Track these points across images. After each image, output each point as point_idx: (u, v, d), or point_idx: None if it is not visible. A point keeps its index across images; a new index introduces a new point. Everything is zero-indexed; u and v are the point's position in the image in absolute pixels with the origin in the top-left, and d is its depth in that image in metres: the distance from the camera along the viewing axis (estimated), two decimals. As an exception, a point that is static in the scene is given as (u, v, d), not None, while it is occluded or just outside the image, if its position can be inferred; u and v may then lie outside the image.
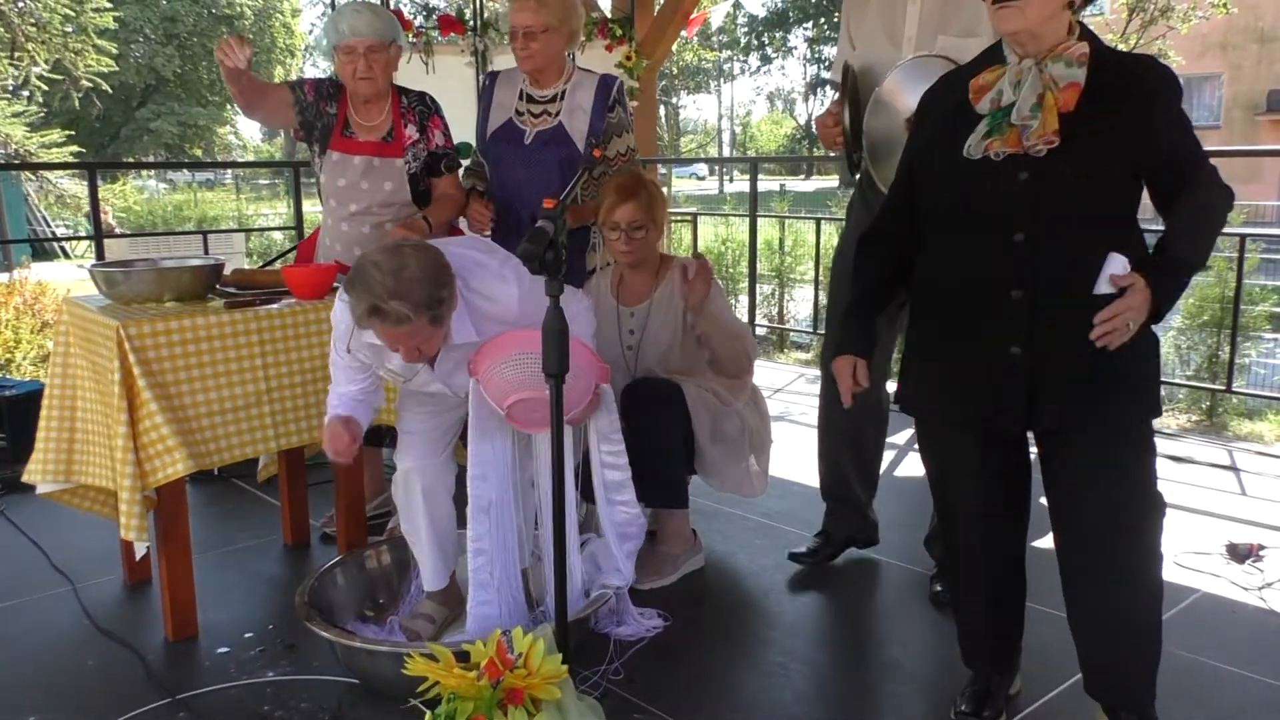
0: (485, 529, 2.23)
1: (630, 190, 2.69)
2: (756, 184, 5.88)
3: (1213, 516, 3.19)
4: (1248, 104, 22.22)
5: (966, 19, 2.35)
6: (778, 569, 2.80)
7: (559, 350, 1.75)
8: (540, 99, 2.94)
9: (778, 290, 7.52)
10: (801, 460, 3.58)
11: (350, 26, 2.77)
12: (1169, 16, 13.26)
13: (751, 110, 47.43)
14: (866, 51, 2.50)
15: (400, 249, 2.02)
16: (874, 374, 2.69)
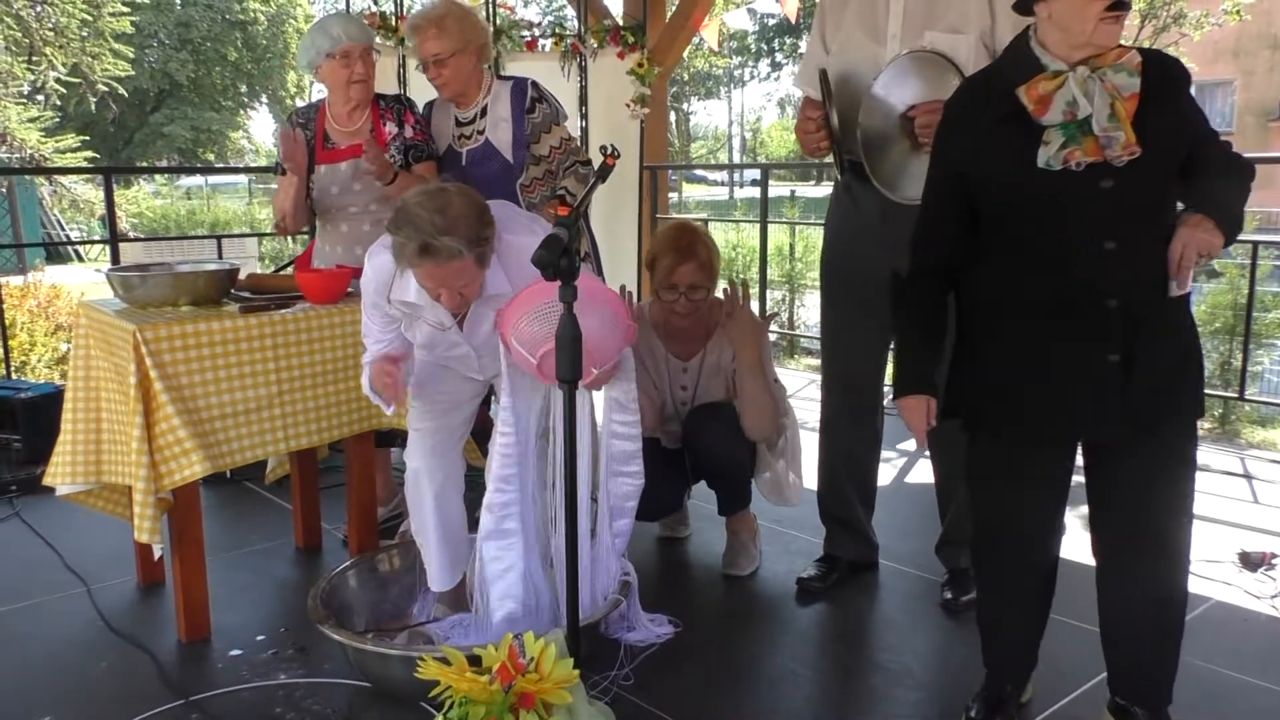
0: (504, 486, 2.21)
1: (689, 249, 2.67)
2: (767, 190, 5.88)
3: (1225, 525, 3.18)
4: (1260, 110, 22.12)
5: (954, 16, 2.33)
6: (788, 575, 2.80)
7: (572, 358, 1.76)
8: (466, 120, 3.02)
9: (788, 296, 7.53)
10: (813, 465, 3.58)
11: (345, 32, 2.84)
12: (1182, 23, 13.23)
13: (762, 116, 47.39)
14: (844, 52, 2.47)
15: (443, 190, 2.03)
16: (874, 384, 2.70)
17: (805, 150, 2.52)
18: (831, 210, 2.66)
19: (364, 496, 2.85)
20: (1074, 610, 2.54)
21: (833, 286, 2.67)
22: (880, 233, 2.45)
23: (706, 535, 3.08)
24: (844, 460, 2.74)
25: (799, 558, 2.91)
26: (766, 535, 2.99)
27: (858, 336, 2.63)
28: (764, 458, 2.79)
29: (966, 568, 2.64)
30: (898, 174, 2.35)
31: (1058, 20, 1.69)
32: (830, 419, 2.74)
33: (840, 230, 2.62)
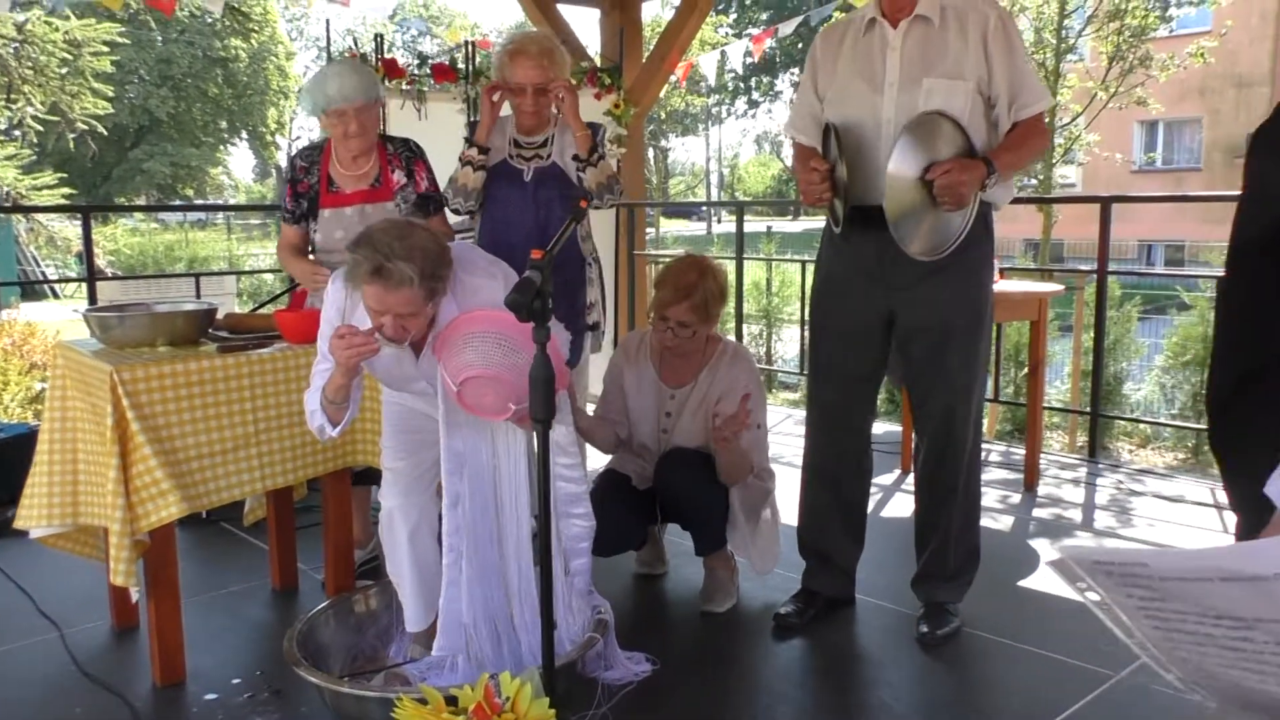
0: (456, 524, 2.22)
1: (688, 288, 2.70)
2: (743, 226, 5.95)
3: (1196, 557, 3.22)
4: (1228, 147, 22.52)
5: (950, 64, 2.38)
6: (767, 612, 2.81)
7: (545, 398, 1.78)
8: (530, 144, 3.06)
9: (765, 330, 7.59)
10: (790, 505, 3.60)
11: (339, 92, 2.82)
12: (1148, 65, 13.54)
13: (739, 152, 47.88)
14: (842, 101, 2.50)
15: (409, 223, 2.11)
16: (864, 422, 2.73)
17: (807, 201, 2.52)
18: (824, 249, 2.67)
19: (340, 537, 2.85)
20: (1046, 641, 2.56)
21: (823, 324, 2.69)
22: (875, 273, 2.49)
23: (684, 571, 3.08)
24: (833, 497, 2.74)
25: (778, 594, 2.92)
26: (745, 570, 2.99)
27: (849, 375, 2.64)
28: (736, 522, 2.79)
29: (943, 602, 2.65)
30: (928, 235, 2.38)
31: None
32: (817, 456, 2.75)
33: (833, 270, 2.63)
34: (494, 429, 2.25)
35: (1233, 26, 18.33)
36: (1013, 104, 2.43)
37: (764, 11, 35.67)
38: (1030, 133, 2.46)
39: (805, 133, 2.63)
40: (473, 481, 2.25)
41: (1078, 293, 5.65)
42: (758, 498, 2.85)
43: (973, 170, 2.31)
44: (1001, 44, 2.39)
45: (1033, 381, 4.01)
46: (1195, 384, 5.41)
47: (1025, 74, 2.44)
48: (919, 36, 2.42)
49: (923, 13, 2.41)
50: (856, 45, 2.50)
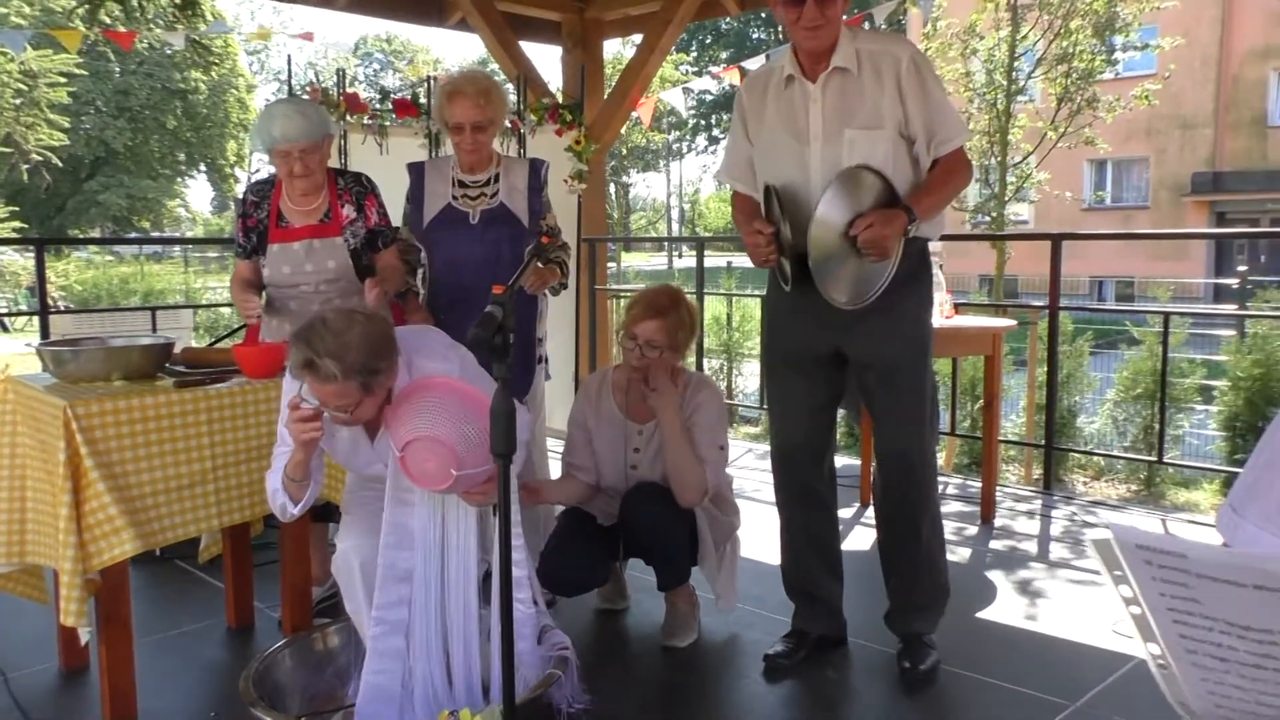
0: (398, 598, 2.21)
1: (661, 309, 2.73)
2: (704, 261, 6.00)
3: (1148, 587, 3.27)
4: (1173, 186, 23.19)
5: (868, 113, 2.42)
6: (727, 645, 2.81)
7: (506, 431, 1.78)
8: (475, 184, 3.10)
9: (726, 365, 7.63)
10: (753, 538, 3.61)
11: (283, 132, 2.82)
12: (1095, 107, 13.94)
13: (700, 188, 48.35)
14: (770, 152, 2.55)
15: (353, 314, 2.11)
16: (821, 455, 2.74)
17: (755, 263, 2.54)
18: (771, 287, 2.71)
19: (298, 574, 2.81)
20: (1013, 676, 2.59)
21: (775, 362, 2.72)
22: (818, 311, 2.50)
23: (646, 606, 3.08)
24: (802, 533, 2.75)
25: (739, 627, 2.93)
26: (705, 605, 3.00)
27: (803, 410, 2.67)
28: (707, 552, 2.80)
29: (919, 632, 2.65)
30: (855, 285, 2.43)
31: None
32: (784, 491, 2.76)
33: (780, 308, 2.67)
34: (445, 506, 2.24)
35: (1176, 70, 18.94)
36: (931, 142, 2.47)
37: (724, 50, 36.26)
38: (950, 169, 2.51)
39: (740, 179, 2.68)
40: (422, 560, 2.24)
41: (1031, 328, 5.76)
42: (725, 533, 2.86)
43: (894, 222, 2.35)
44: (915, 85, 2.43)
45: (988, 415, 4.08)
46: (1146, 417, 5.52)
47: (941, 111, 2.47)
48: (838, 88, 2.45)
49: (840, 64, 2.44)
50: (780, 98, 2.54)
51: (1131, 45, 14.70)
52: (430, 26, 6.41)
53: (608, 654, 2.82)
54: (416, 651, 2.24)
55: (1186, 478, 5.23)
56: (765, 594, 3.11)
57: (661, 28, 5.65)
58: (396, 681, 2.23)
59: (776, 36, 33.83)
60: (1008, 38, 13.49)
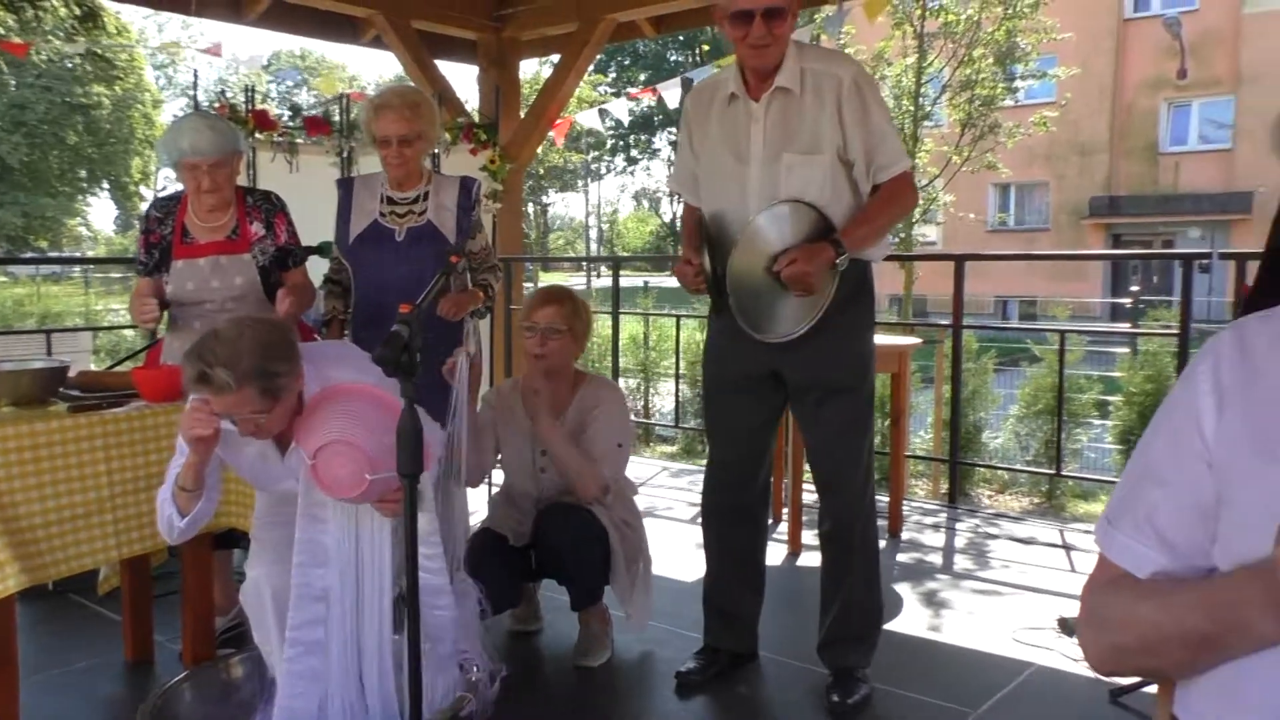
0: (314, 617, 2.16)
1: (556, 297, 2.82)
2: (619, 281, 6.04)
3: (1046, 594, 3.38)
4: (1073, 209, 24.13)
5: (807, 137, 2.42)
6: (640, 664, 2.82)
7: (413, 452, 1.77)
8: (403, 200, 3.06)
9: (643, 385, 7.67)
10: (667, 556, 3.64)
11: (192, 145, 2.79)
12: (997, 132, 14.49)
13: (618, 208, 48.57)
14: (712, 173, 2.55)
15: (242, 323, 2.07)
16: (758, 474, 2.73)
17: (686, 289, 2.58)
18: (713, 311, 2.69)
19: (201, 605, 2.73)
20: (916, 683, 2.65)
21: (715, 383, 2.72)
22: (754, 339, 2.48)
23: (559, 627, 3.07)
24: (730, 552, 2.75)
25: (652, 646, 2.94)
26: (619, 624, 3.00)
27: (742, 431, 2.67)
28: (619, 570, 2.80)
29: (851, 667, 2.61)
30: (771, 319, 2.45)
31: None
32: (715, 511, 2.76)
33: (722, 328, 2.65)
34: (359, 521, 2.20)
35: (1073, 99, 19.77)
36: (870, 167, 2.46)
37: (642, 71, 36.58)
38: (890, 197, 2.49)
39: (687, 190, 2.70)
40: (338, 577, 2.20)
41: (938, 346, 5.93)
42: (633, 546, 2.87)
43: (818, 256, 2.32)
44: (855, 108, 2.40)
45: (895, 431, 4.18)
46: (1047, 431, 5.71)
47: (881, 136, 2.45)
48: (780, 108, 2.44)
49: (783, 84, 2.42)
50: (724, 114, 2.53)
51: (1030, 74, 15.34)
52: (345, 44, 6.34)
53: (521, 676, 2.80)
54: (334, 673, 2.19)
55: (1085, 490, 5.43)
56: (679, 611, 3.13)
57: (578, 48, 5.69)
58: (313, 704, 2.18)
59: (694, 59, 34.29)
60: (915, 65, 13.92)
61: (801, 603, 2.82)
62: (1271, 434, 0.97)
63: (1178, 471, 1.05)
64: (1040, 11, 14.12)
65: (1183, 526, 1.04)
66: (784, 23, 2.36)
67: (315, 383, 2.16)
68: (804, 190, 2.40)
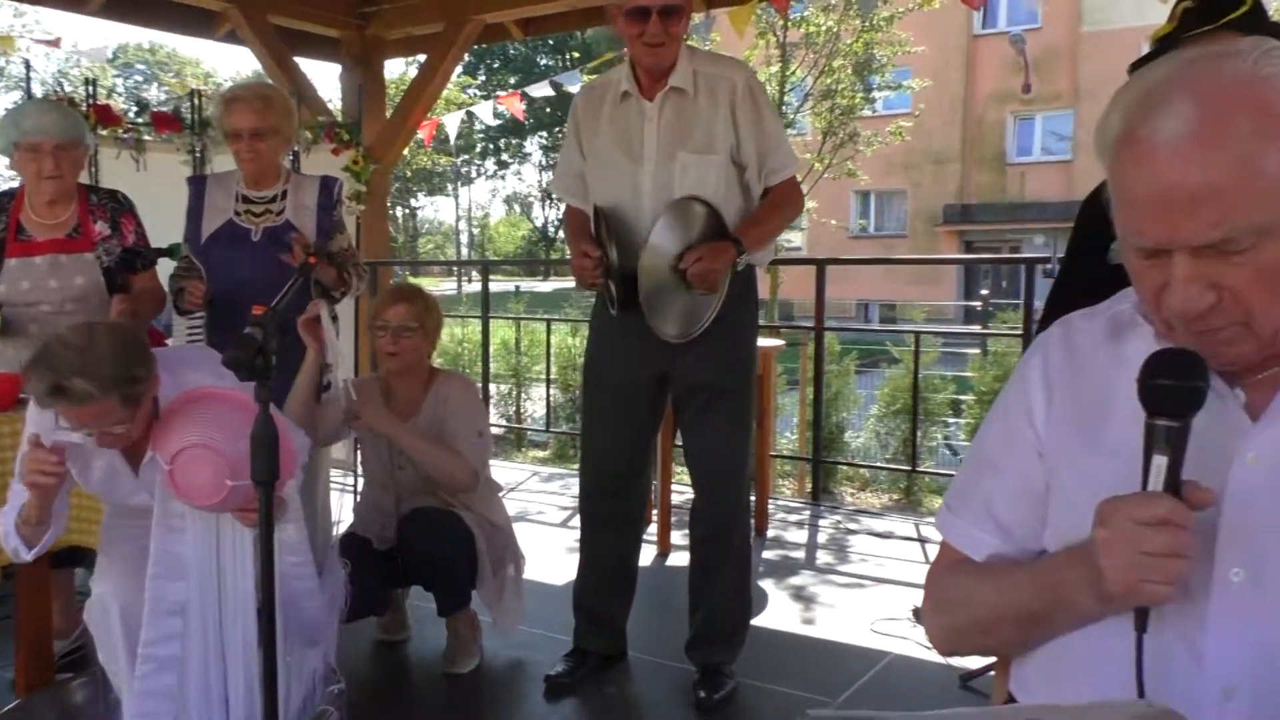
0: (169, 632, 2.07)
1: (406, 295, 2.80)
2: (489, 285, 5.99)
3: (902, 585, 3.52)
4: (929, 216, 25.23)
5: (701, 137, 2.44)
6: (511, 670, 2.80)
7: (269, 458, 1.71)
8: (260, 199, 2.95)
9: (515, 390, 7.62)
10: (538, 559, 3.62)
11: (35, 124, 2.65)
12: (856, 141, 15.06)
13: (489, 212, 48.12)
14: (603, 171, 2.55)
15: (91, 326, 1.95)
16: (638, 476, 2.73)
17: (581, 286, 2.56)
18: (597, 313, 2.69)
19: (36, 627, 2.56)
20: (779, 676, 2.72)
21: (598, 380, 2.70)
22: (646, 333, 2.46)
23: (427, 634, 3.01)
24: (605, 556, 2.74)
25: (523, 650, 2.92)
26: (487, 629, 2.97)
27: (625, 434, 2.66)
28: (485, 576, 2.78)
29: (718, 663, 2.64)
30: (682, 317, 2.45)
31: None
32: (594, 515, 2.75)
33: (606, 327, 2.65)
34: (220, 531, 2.11)
35: (927, 110, 20.68)
36: (762, 170, 2.50)
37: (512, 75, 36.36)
38: (781, 200, 2.54)
39: (571, 192, 2.67)
40: (198, 590, 2.10)
41: (802, 348, 6.09)
42: (500, 548, 2.85)
43: (723, 255, 2.37)
44: (749, 111, 2.43)
45: (761, 432, 4.27)
46: (905, 430, 5.94)
47: (773, 140, 2.49)
48: (674, 108, 2.46)
49: (677, 84, 2.45)
50: (615, 112, 2.53)
51: (887, 85, 16.00)
52: (197, 38, 6.07)
53: (388, 686, 2.74)
54: (193, 691, 2.09)
55: (940, 485, 5.66)
56: (550, 615, 3.12)
57: (445, 49, 5.60)
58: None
59: (563, 63, 34.29)
60: (778, 74, 14.30)
61: (670, 603, 2.85)
62: (1092, 424, 1.04)
63: (1011, 460, 1.11)
64: (895, 25, 14.73)
65: (1016, 512, 1.10)
66: (679, 22, 2.39)
67: (172, 388, 2.06)
68: (699, 189, 2.43)
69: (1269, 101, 0.87)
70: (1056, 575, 1.00)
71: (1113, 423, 1.01)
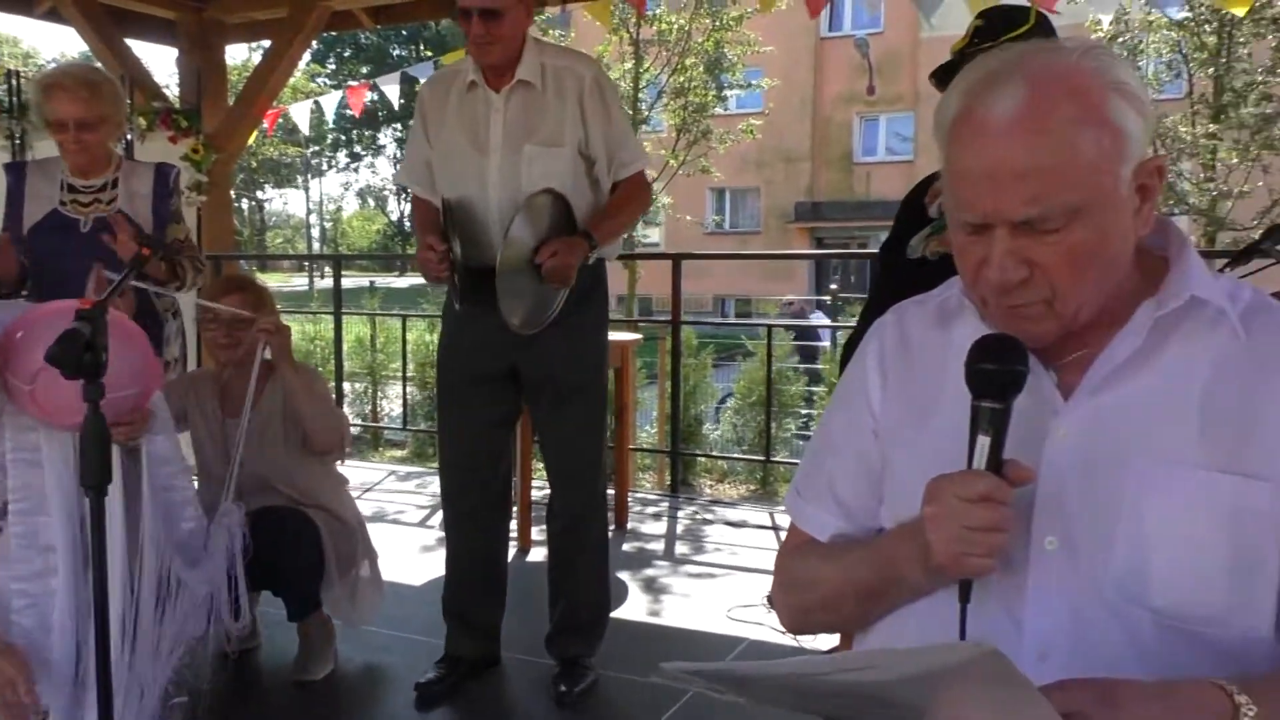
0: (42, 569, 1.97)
1: (237, 284, 2.72)
2: (341, 281, 5.82)
3: (756, 572, 3.62)
4: (781, 213, 25.94)
5: (550, 129, 2.44)
6: (367, 674, 2.74)
7: (100, 459, 1.62)
8: (88, 189, 2.78)
9: (370, 388, 7.43)
10: (396, 559, 3.54)
11: None
12: (709, 138, 15.37)
13: (342, 206, 46.69)
14: (449, 161, 2.51)
15: None
16: (497, 471, 2.69)
17: (427, 279, 2.50)
18: (448, 307, 2.65)
19: None
20: (629, 665, 2.75)
21: (451, 380, 2.65)
22: (495, 327, 2.42)
23: (278, 641, 2.91)
24: (469, 556, 2.69)
25: (378, 654, 2.86)
26: (344, 634, 2.90)
27: (479, 429, 2.62)
28: (332, 577, 2.70)
29: (578, 656, 2.64)
30: (532, 309, 2.42)
31: None
32: (456, 516, 2.69)
33: (456, 324, 2.61)
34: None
35: (778, 109, 21.27)
36: (611, 164, 2.52)
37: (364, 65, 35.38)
38: (630, 194, 2.57)
39: (419, 183, 2.63)
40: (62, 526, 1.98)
41: (660, 342, 6.17)
42: (348, 547, 2.77)
43: (577, 250, 2.38)
44: (597, 105, 2.45)
45: (620, 425, 4.31)
46: (760, 422, 6.10)
47: (621, 134, 2.51)
48: (521, 101, 2.45)
49: (524, 77, 2.43)
50: (462, 102, 2.50)
51: (737, 84, 16.39)
52: (14, 14, 5.66)
53: (237, 697, 2.64)
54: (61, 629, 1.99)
55: (794, 475, 5.84)
56: (407, 616, 3.06)
57: (290, 35, 5.40)
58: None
59: (417, 54, 33.62)
60: (632, 70, 14.43)
61: (535, 599, 2.83)
62: (923, 406, 1.10)
63: (851, 443, 1.16)
64: (744, 25, 15.09)
65: (856, 492, 1.15)
66: (501, 24, 2.36)
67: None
68: (546, 181, 2.42)
69: (1089, 91, 0.94)
70: (890, 551, 1.06)
71: (942, 404, 1.07)
